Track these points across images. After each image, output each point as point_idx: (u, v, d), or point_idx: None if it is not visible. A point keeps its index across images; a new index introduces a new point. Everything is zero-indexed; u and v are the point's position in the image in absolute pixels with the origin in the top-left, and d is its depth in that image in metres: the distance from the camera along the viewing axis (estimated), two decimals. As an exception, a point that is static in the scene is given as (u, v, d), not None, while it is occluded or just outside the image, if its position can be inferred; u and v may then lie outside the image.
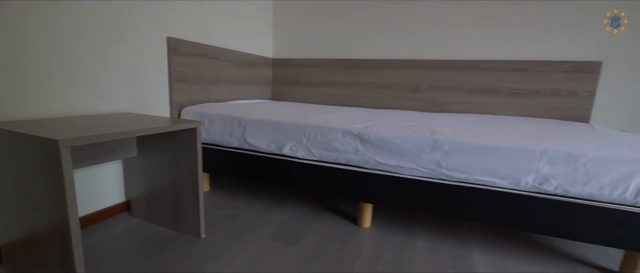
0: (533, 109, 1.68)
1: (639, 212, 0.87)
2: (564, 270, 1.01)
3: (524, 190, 0.96)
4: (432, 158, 1.04)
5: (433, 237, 1.19)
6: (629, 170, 0.86)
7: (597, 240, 0.93)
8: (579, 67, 1.59)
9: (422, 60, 1.87)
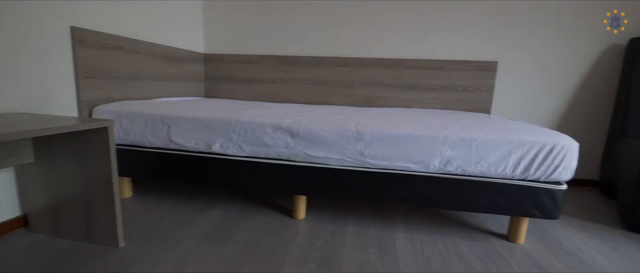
0: (447, 102, 1.93)
1: (516, 184, 1.08)
2: (467, 238, 1.20)
3: (433, 172, 1.11)
4: (356, 148, 1.13)
5: (362, 221, 1.29)
6: (508, 149, 1.06)
7: (489, 209, 1.12)
8: (481, 66, 1.87)
9: (355, 58, 1.99)
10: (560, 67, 1.85)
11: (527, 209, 1.09)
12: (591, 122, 1.88)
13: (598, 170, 1.89)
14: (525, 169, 1.06)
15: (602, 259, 1.10)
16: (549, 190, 1.07)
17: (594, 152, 1.89)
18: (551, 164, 1.04)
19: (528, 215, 1.10)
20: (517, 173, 1.07)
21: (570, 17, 1.79)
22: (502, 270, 1.00)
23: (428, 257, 1.06)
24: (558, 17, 1.79)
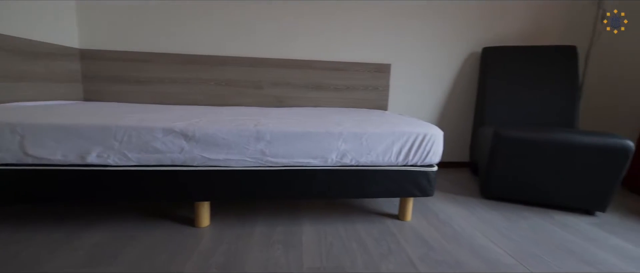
0: (351, 100, 2.11)
1: (400, 170, 1.26)
2: (365, 222, 1.34)
3: (331, 166, 1.21)
4: (257, 148, 1.14)
5: (270, 220, 1.31)
6: (391, 140, 1.23)
7: (381, 194, 1.28)
8: (378, 68, 2.12)
9: (263, 59, 2.00)
10: (438, 70, 2.24)
11: (410, 190, 1.29)
12: (462, 114, 2.33)
13: (468, 153, 2.36)
14: (406, 156, 1.24)
15: (465, 223, 1.38)
16: (425, 173, 1.28)
17: (465, 139, 2.35)
18: (424, 150, 1.25)
19: (411, 195, 1.30)
20: (400, 160, 1.25)
21: (445, 27, 2.18)
22: (391, 245, 1.16)
23: (330, 244, 1.15)
24: (436, 27, 2.16)
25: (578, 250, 1.19)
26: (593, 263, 1.10)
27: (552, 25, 2.30)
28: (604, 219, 1.49)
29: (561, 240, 1.27)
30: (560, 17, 2.30)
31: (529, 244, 1.22)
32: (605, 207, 1.49)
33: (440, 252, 1.13)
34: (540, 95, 1.98)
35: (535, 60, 2.05)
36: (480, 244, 1.21)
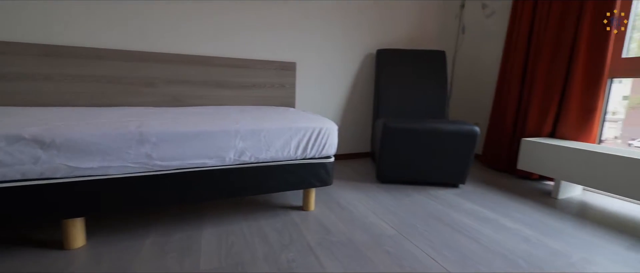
0: (258, 98, 2.12)
1: (299, 163, 1.34)
2: (270, 217, 1.38)
3: (229, 164, 1.20)
4: (141, 151, 1.05)
5: (164, 229, 1.23)
6: (289, 135, 1.29)
7: (283, 188, 1.34)
8: (284, 66, 2.18)
9: (154, 53, 1.82)
10: (341, 69, 2.44)
11: (310, 181, 1.38)
12: (363, 109, 2.59)
13: (369, 144, 2.65)
14: (304, 150, 1.33)
15: (361, 206, 1.56)
16: (323, 164, 1.39)
17: (367, 131, 2.63)
18: (321, 143, 1.36)
19: (312, 186, 1.40)
20: (298, 154, 1.32)
21: (347, 30, 2.37)
22: (293, 235, 1.23)
23: (231, 243, 1.15)
24: (339, 30, 2.34)
25: (443, 216, 1.48)
26: (451, 224, 1.39)
27: (430, 32, 2.77)
28: (464, 189, 1.89)
29: (432, 210, 1.55)
30: (435, 27, 2.78)
31: (408, 216, 1.46)
32: (465, 180, 1.89)
33: (336, 234, 1.26)
34: (422, 91, 2.36)
35: (417, 62, 2.43)
36: (371, 222, 1.38)
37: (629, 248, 1.24)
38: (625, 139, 2.12)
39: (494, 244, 1.23)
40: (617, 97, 2.15)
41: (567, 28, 1.94)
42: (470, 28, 2.69)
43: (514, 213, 1.54)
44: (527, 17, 2.15)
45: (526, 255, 1.16)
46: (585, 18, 1.84)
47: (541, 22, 2.08)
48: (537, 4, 2.12)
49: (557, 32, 1.99)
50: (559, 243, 1.26)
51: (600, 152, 1.57)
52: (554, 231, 1.36)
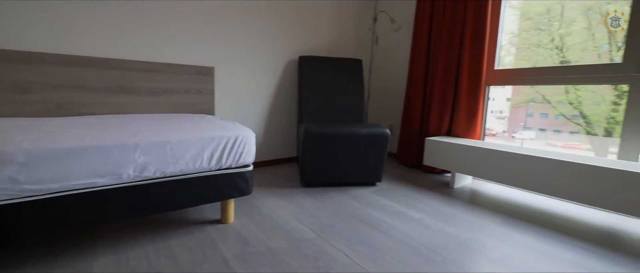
0: (170, 105, 1.96)
1: (216, 174, 1.29)
2: (183, 234, 1.29)
3: (128, 182, 1.08)
4: (3, 175, 0.86)
5: (44, 263, 1.03)
6: (201, 146, 1.23)
7: (196, 202, 1.26)
8: (200, 71, 2.06)
9: (32, 53, 1.52)
10: (264, 74, 2.42)
11: (228, 192, 1.34)
12: (290, 114, 2.62)
13: (296, 149, 2.69)
14: (219, 160, 1.28)
15: (284, 212, 1.57)
16: (241, 173, 1.36)
17: (293, 136, 2.67)
18: (237, 152, 1.32)
19: (229, 197, 1.35)
20: (212, 165, 1.27)
21: (269, 36, 2.37)
22: (207, 251, 1.17)
23: (132, 268, 1.03)
24: (261, 35, 2.32)
25: (360, 214, 1.59)
26: (367, 220, 1.51)
27: (348, 42, 2.96)
28: (380, 187, 2.07)
29: (351, 209, 1.66)
30: (352, 37, 2.99)
31: (329, 218, 1.53)
32: (381, 178, 2.07)
33: (255, 244, 1.24)
34: (342, 97, 2.51)
35: (337, 69, 2.58)
36: (292, 227, 1.41)
37: (501, 224, 1.53)
38: (511, 132, 2.65)
39: (401, 235, 1.38)
40: (503, 100, 2.69)
41: (454, 46, 2.31)
42: (383, 40, 2.98)
43: (419, 205, 1.75)
44: (425, 36, 2.49)
45: (426, 241, 1.33)
46: (466, 38, 2.22)
47: (436, 40, 2.43)
48: (432, 23, 2.47)
49: (448, 47, 2.35)
50: (452, 227, 1.48)
51: (482, 147, 1.90)
52: (449, 217, 1.60)
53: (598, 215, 1.67)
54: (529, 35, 2.38)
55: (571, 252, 1.27)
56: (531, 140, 2.52)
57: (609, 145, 1.94)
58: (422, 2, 2.51)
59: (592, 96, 2.11)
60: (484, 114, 2.34)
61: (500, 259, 1.20)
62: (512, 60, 2.46)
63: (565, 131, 2.34)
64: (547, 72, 2.00)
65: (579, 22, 2.08)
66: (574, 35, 2.11)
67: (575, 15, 2.10)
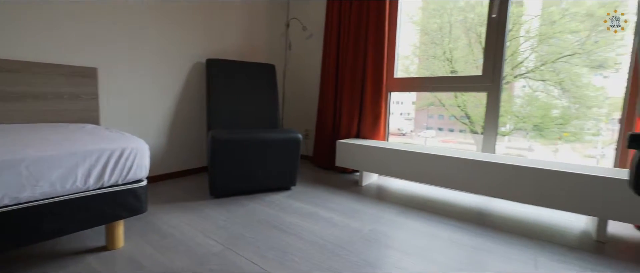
0: (37, 114, 1.61)
1: (97, 194, 1.11)
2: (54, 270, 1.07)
3: (-42, 214, 0.85)
4: None
5: None
6: (73, 162, 1.05)
7: (71, 230, 1.06)
8: (78, 72, 1.75)
9: None
10: (167, 78, 2.21)
11: (114, 213, 1.17)
12: (198, 121, 2.46)
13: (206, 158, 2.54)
14: (99, 178, 1.11)
15: (189, 228, 1.46)
16: (132, 190, 1.21)
17: (203, 144, 2.51)
18: (124, 167, 1.17)
19: (116, 218, 1.19)
20: (90, 183, 1.09)
21: (170, 35, 2.16)
22: (86, 286, 1.00)
23: (-33, 330, 0.81)
24: (162, 33, 2.10)
25: (272, 220, 1.60)
26: (279, 226, 1.53)
27: (260, 47, 2.95)
28: (295, 191, 2.12)
29: (264, 215, 1.65)
30: (264, 42, 3.00)
31: (239, 228, 1.49)
32: (295, 182, 2.12)
33: (150, 267, 1.12)
34: (255, 103, 2.48)
35: (249, 74, 2.54)
36: (197, 243, 1.32)
37: (398, 214, 1.75)
38: (417, 132, 3.05)
39: (311, 235, 1.44)
40: (410, 103, 3.09)
41: (359, 56, 2.54)
42: (296, 46, 3.07)
43: (330, 204, 1.86)
44: (334, 45, 2.68)
45: (333, 238, 1.42)
46: (369, 50, 2.48)
47: (344, 50, 2.64)
48: (340, 33, 2.66)
49: (354, 57, 2.57)
50: (358, 221, 1.62)
51: (384, 147, 2.14)
52: (356, 212, 1.74)
53: (470, 199, 2.07)
54: (427, 47, 2.81)
55: (449, 231, 1.53)
56: (432, 138, 2.98)
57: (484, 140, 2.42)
58: (331, 13, 2.70)
59: (473, 100, 2.61)
60: (387, 117, 2.64)
61: (394, 244, 1.38)
62: (416, 69, 2.87)
63: (456, 129, 2.84)
64: (433, 81, 2.38)
65: (462, 39, 2.56)
66: (459, 49, 2.58)
67: (460, 33, 2.58)
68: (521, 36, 2.42)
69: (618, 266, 1.24)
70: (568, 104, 2.33)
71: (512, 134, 2.62)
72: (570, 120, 2.33)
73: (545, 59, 2.33)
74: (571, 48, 2.20)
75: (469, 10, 2.44)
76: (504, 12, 2.03)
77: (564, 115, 2.36)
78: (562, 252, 1.35)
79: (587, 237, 1.50)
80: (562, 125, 2.37)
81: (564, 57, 2.23)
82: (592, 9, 2.09)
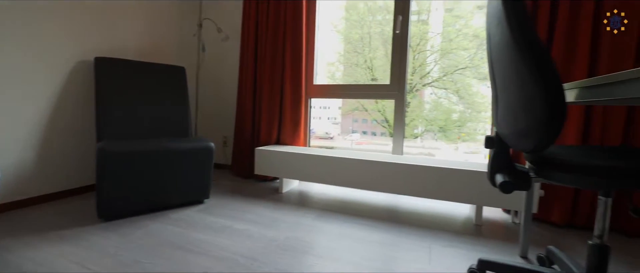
0: None
1: None
2: None
3: None
4: None
5: None
6: None
7: None
8: None
9: None
10: (34, 78, 1.81)
11: None
12: (84, 131, 2.08)
13: (101, 174, 2.16)
14: None
15: (62, 262, 1.20)
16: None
17: (92, 158, 2.13)
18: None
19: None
20: None
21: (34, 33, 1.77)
22: None
23: None
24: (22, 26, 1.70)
25: (178, 239, 1.43)
26: (184, 245, 1.38)
27: (168, 46, 2.69)
28: (208, 204, 1.96)
29: (168, 235, 1.47)
30: (174, 42, 2.74)
31: (134, 253, 1.29)
32: (209, 194, 1.96)
33: (-5, 322, 0.87)
34: (160, 109, 2.23)
35: (154, 76, 2.27)
36: (72, 280, 1.09)
37: (315, 219, 1.77)
38: (344, 135, 3.17)
39: (222, 251, 1.34)
40: (336, 108, 3.19)
41: (277, 62, 2.53)
42: (211, 48, 2.90)
43: (247, 215, 1.78)
44: (252, 49, 2.61)
45: (246, 251, 1.34)
46: (287, 57, 2.48)
47: (262, 55, 2.59)
48: (258, 38, 2.61)
49: (272, 63, 2.55)
50: (274, 230, 1.58)
51: (304, 153, 2.16)
52: (273, 221, 1.70)
53: (382, 197, 2.24)
54: (350, 56, 2.96)
55: (361, 230, 1.62)
56: (358, 140, 3.14)
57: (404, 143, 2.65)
58: (248, 15, 2.62)
59: (391, 105, 2.86)
60: (307, 123, 2.68)
61: (309, 249, 1.38)
62: (341, 75, 2.99)
63: (378, 133, 3.05)
64: (349, 88, 2.52)
65: (380, 49, 2.78)
66: (378, 59, 2.78)
67: (378, 44, 2.79)
68: (428, 50, 2.79)
69: (488, 243, 1.50)
70: (464, 109, 2.77)
71: (423, 136, 2.98)
72: (466, 123, 2.77)
73: (446, 71, 2.73)
74: (464, 62, 2.62)
75: (385, 24, 2.69)
76: (405, 29, 2.29)
77: (461, 118, 2.79)
78: (450, 237, 1.56)
79: (469, 222, 1.78)
80: (460, 127, 2.80)
81: (459, 69, 2.65)
82: (477, 31, 2.54)
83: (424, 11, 2.76)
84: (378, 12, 2.77)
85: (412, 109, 2.87)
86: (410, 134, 2.95)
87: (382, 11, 2.72)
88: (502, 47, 0.81)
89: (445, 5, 2.74)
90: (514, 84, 0.80)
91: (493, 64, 0.95)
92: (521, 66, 0.73)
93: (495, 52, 0.89)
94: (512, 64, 0.77)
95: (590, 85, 0.86)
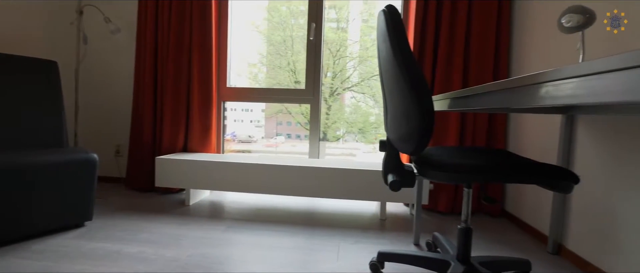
0: None
1: None
2: None
3: None
4: None
5: None
6: None
7: None
8: None
9: None
10: None
11: None
12: None
13: None
14: None
15: None
16: None
17: None
18: None
19: None
20: None
21: None
22: None
23: None
24: None
25: (41, 277, 1.16)
26: (51, 283, 1.12)
27: (33, 34, 2.18)
28: (91, 226, 1.65)
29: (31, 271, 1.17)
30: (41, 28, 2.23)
31: (-33, 305, 0.98)
32: (91, 215, 1.65)
33: None
34: (20, 113, 1.78)
35: (9, 72, 1.80)
36: None
37: (225, 230, 1.67)
38: (268, 138, 3.05)
39: (105, 283, 1.13)
40: (259, 111, 3.05)
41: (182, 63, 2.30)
42: (96, 40, 2.46)
43: (142, 235, 1.56)
44: (152, 46, 2.31)
45: (138, 278, 1.17)
46: (195, 57, 2.28)
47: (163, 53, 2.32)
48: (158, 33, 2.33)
49: (177, 63, 2.31)
50: (175, 249, 1.42)
51: (215, 161, 2.01)
52: (176, 239, 1.53)
53: (299, 201, 2.26)
54: (273, 58, 2.88)
55: (273, 237, 1.59)
56: (282, 143, 3.08)
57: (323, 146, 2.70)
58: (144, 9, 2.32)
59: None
60: (220, 128, 2.52)
61: (216, 265, 1.28)
62: (264, 77, 2.88)
63: (302, 136, 3.05)
64: (265, 92, 2.47)
65: (302, 53, 2.78)
66: (301, 62, 2.78)
67: (300, 48, 2.78)
68: (347, 56, 2.95)
69: (390, 235, 1.67)
70: (379, 112, 3.02)
71: (344, 137, 3.14)
72: (381, 125, 3.04)
73: (364, 76, 2.94)
74: (377, 69, 2.88)
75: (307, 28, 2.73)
76: (319, 36, 2.37)
77: (378, 120, 3.03)
78: (358, 234, 1.67)
79: (375, 218, 1.95)
80: (376, 128, 3.04)
81: (375, 75, 2.89)
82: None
83: (343, 20, 2.93)
84: (300, 15, 2.81)
85: (333, 112, 3.01)
86: (333, 136, 3.08)
87: (303, 15, 2.78)
88: (388, 61, 0.90)
89: (361, 16, 2.97)
90: (397, 94, 0.90)
91: (383, 75, 1.05)
92: (401, 80, 0.83)
93: (384, 64, 0.99)
94: (395, 77, 0.87)
95: (456, 96, 1.04)
